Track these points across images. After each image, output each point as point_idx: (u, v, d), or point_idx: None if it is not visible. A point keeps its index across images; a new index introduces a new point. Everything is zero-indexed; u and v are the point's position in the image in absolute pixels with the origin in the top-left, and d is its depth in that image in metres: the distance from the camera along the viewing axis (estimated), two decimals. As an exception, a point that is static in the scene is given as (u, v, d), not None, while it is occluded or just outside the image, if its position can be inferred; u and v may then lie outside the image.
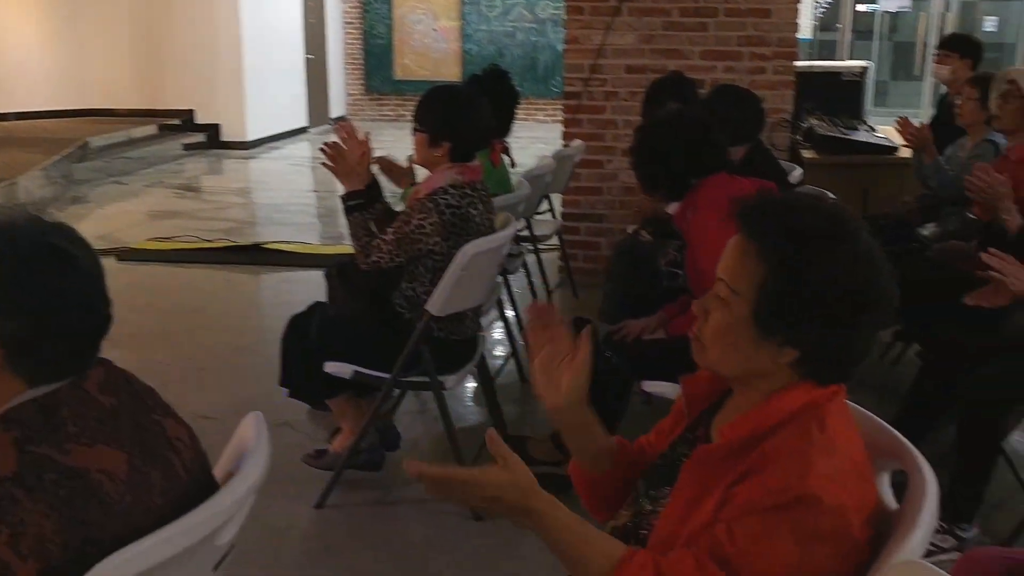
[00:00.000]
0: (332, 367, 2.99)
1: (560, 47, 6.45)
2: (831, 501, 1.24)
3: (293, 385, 3.29)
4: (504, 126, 4.19)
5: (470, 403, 4.02)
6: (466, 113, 3.03)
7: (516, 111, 4.31)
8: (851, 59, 10.05)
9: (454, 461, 3.06)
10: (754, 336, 1.33)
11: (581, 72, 5.53)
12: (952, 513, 2.79)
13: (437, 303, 2.86)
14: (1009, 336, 2.81)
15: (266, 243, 6.75)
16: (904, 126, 4.24)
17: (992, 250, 2.77)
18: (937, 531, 2.77)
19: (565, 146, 5.42)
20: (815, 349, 1.32)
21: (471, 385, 4.08)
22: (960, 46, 5.02)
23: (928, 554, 2.75)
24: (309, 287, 4.90)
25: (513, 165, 4.51)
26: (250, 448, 1.56)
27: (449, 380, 3.03)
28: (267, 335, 4.43)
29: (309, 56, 13.81)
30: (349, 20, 15.03)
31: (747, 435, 1.34)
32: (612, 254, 4.27)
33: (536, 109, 14.21)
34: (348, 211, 2.99)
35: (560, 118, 5.82)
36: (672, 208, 2.97)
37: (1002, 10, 12.04)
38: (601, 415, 1.58)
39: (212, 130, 11.92)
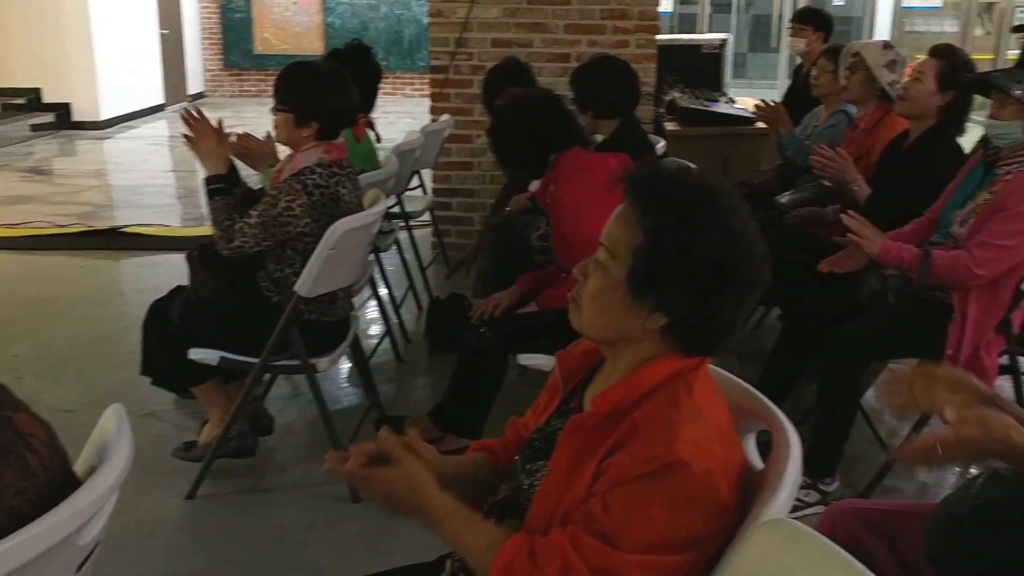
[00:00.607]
0: (197, 353, 2.89)
1: (425, 20, 6.37)
2: (699, 466, 1.27)
3: (156, 374, 3.18)
4: (368, 101, 4.13)
5: (345, 384, 3.97)
6: (333, 91, 2.96)
7: (379, 86, 4.25)
8: (710, 32, 10.30)
9: (330, 444, 3.01)
10: (627, 300, 1.35)
11: (447, 46, 5.49)
12: (815, 468, 2.92)
13: (306, 284, 2.79)
14: (864, 298, 2.94)
15: (124, 227, 6.49)
16: (760, 108, 4.39)
17: (851, 212, 2.90)
18: (801, 487, 2.90)
19: (433, 121, 5.38)
20: (682, 316, 1.35)
21: (346, 366, 4.02)
22: (813, 19, 5.21)
23: (794, 509, 2.87)
24: (171, 271, 4.74)
25: (379, 140, 4.46)
26: (112, 441, 1.49)
27: (322, 362, 2.97)
28: (128, 323, 4.27)
29: (163, 31, 13.27)
30: (205, -7, 14.52)
31: (617, 403, 1.36)
32: (483, 231, 4.27)
33: (403, 83, 14.07)
34: (210, 195, 2.90)
35: (427, 92, 5.77)
36: (534, 185, 3.02)
37: (849, -15, 12.57)
38: (477, 390, 1.59)
39: (62, 110, 11.33)
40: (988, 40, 11.27)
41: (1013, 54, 8.11)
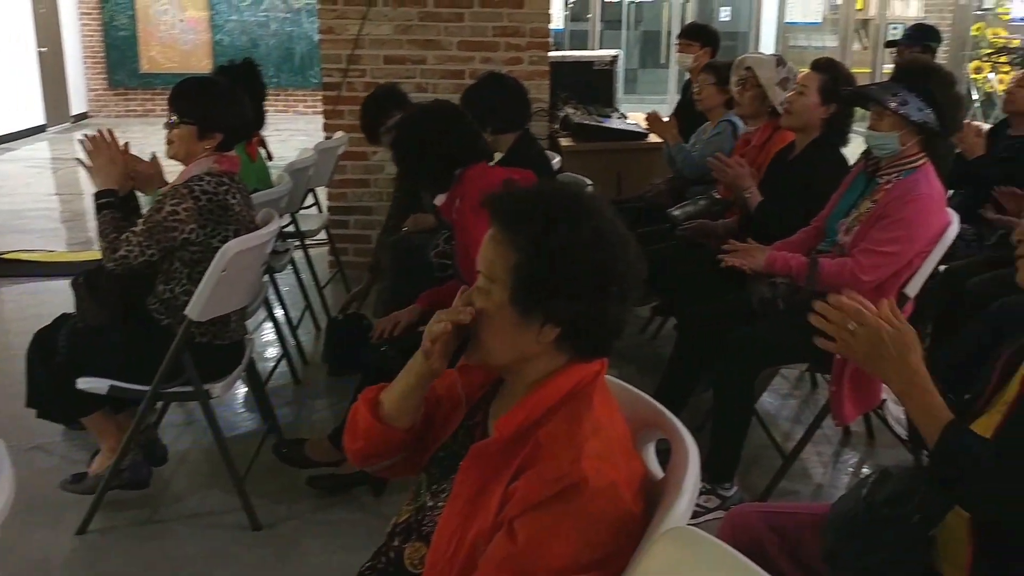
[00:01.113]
0: (85, 383, 2.78)
1: (317, 37, 6.30)
2: (603, 481, 1.28)
3: (42, 405, 3.05)
4: (259, 119, 4.06)
5: (241, 409, 3.87)
6: (232, 102, 2.93)
7: (266, 103, 4.19)
8: (602, 48, 10.47)
9: (226, 472, 2.93)
10: (516, 319, 1.36)
11: (339, 63, 5.44)
12: (714, 474, 2.97)
13: (197, 307, 2.71)
14: (755, 305, 3.02)
15: (5, 253, 6.20)
16: (651, 120, 4.48)
17: (732, 241, 2.98)
18: (701, 492, 2.95)
19: (327, 138, 5.32)
20: (573, 323, 1.36)
21: (242, 391, 3.93)
22: (700, 35, 5.34)
23: (694, 515, 2.91)
24: (57, 298, 4.54)
25: (270, 158, 4.38)
26: (-9, 479, 1.41)
27: (216, 388, 2.89)
28: (11, 353, 4.08)
29: (41, 49, 12.78)
30: (86, 11, 14.04)
31: (520, 426, 1.36)
32: (375, 255, 4.23)
33: (296, 100, 13.88)
34: (99, 209, 2.81)
35: (320, 109, 5.70)
36: (439, 200, 3.00)
37: (734, 1, 12.93)
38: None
39: (-67, 131, 10.81)
40: (865, 54, 11.77)
41: (889, 67, 8.47)
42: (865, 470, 3.33)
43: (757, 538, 1.88)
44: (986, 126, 4.59)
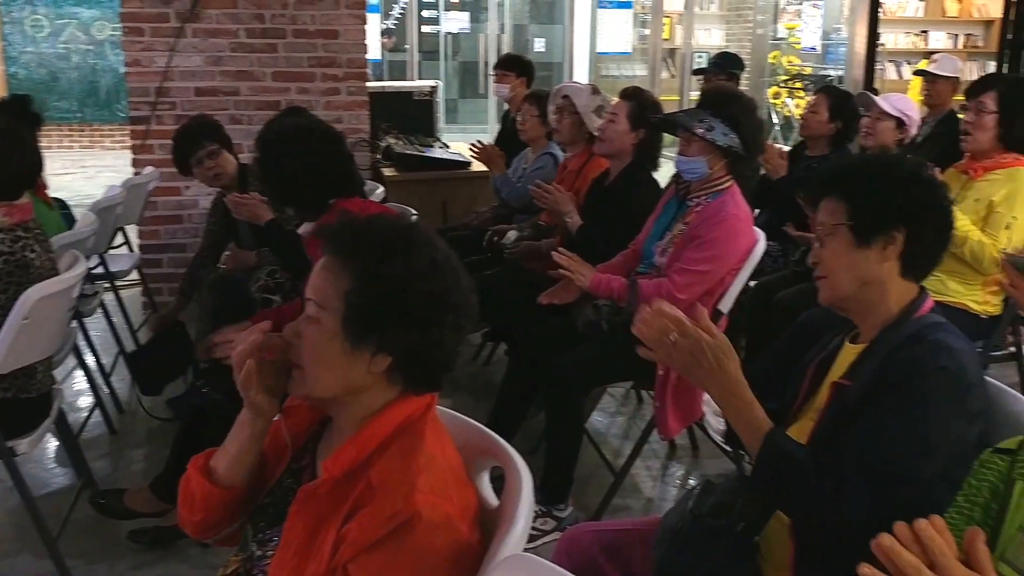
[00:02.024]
0: None
1: (123, 70, 6.03)
2: (438, 515, 1.26)
3: None
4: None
5: (52, 465, 3.61)
6: (13, 144, 2.71)
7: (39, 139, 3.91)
8: (420, 79, 10.52)
9: (37, 534, 2.72)
10: (347, 347, 1.33)
11: (147, 96, 5.21)
12: (549, 496, 3.00)
13: (-2, 359, 2.52)
14: (581, 328, 3.08)
15: None
16: (476, 149, 4.53)
17: (561, 249, 3.04)
18: (537, 515, 2.97)
19: (136, 174, 5.08)
20: (406, 353, 1.35)
21: (52, 444, 3.67)
22: (515, 66, 5.45)
23: (532, 539, 2.94)
24: None
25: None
26: None
27: (22, 444, 2.68)
28: None
29: None
30: None
31: (350, 465, 1.33)
32: (192, 281, 4.04)
33: (102, 136, 13.20)
34: None
35: (129, 144, 5.44)
36: (304, 229, 2.90)
37: (548, 32, 13.29)
38: (204, 447, 1.49)
39: None
40: (673, 82, 12.33)
41: (696, 94, 8.91)
42: (691, 481, 3.45)
43: (592, 557, 1.90)
44: (786, 148, 4.88)
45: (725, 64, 5.68)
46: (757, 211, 4.01)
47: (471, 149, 4.63)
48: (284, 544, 1.36)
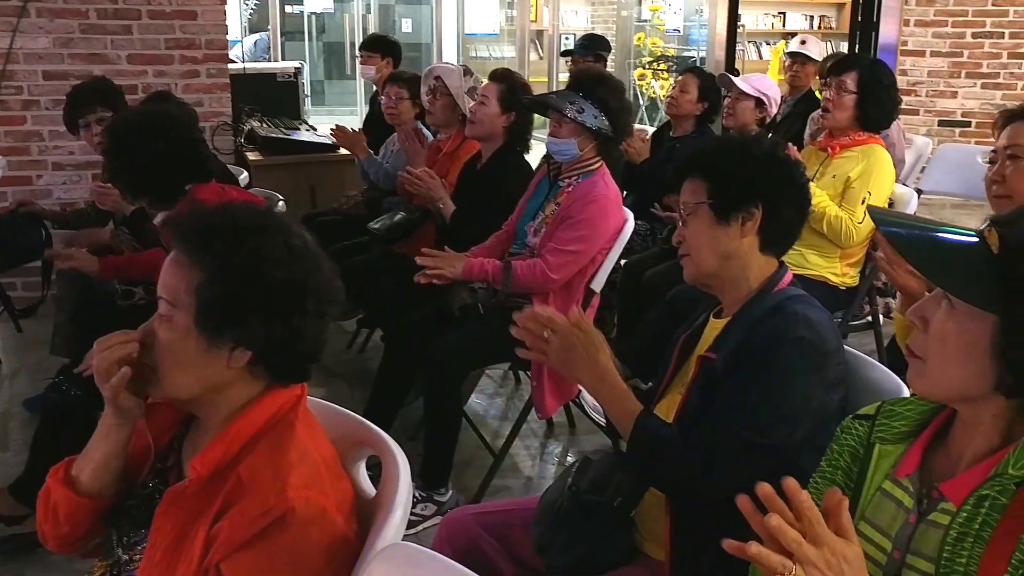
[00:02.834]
0: None
1: (-38, 53, 5.65)
2: (313, 509, 1.24)
3: None
4: None
5: None
6: None
7: None
8: (284, 60, 10.27)
9: None
10: (203, 344, 1.28)
11: (-10, 80, 4.92)
12: (429, 481, 2.99)
13: None
14: (457, 311, 3.07)
15: None
16: (337, 133, 4.44)
17: (425, 250, 3.02)
18: (418, 501, 2.95)
19: (-18, 163, 4.79)
20: (266, 346, 1.30)
21: None
22: (381, 47, 5.36)
23: (413, 525, 2.93)
24: None
25: None
26: None
27: None
28: None
29: None
30: None
31: (218, 463, 1.28)
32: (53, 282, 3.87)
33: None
34: None
35: (-28, 132, 5.12)
36: (160, 218, 2.77)
37: (415, 13, 13.15)
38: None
39: None
40: (542, 64, 12.40)
41: (565, 76, 8.99)
42: (570, 458, 3.50)
43: (473, 540, 1.91)
44: (651, 129, 4.98)
45: (592, 46, 5.74)
46: (625, 192, 4.08)
47: (332, 133, 4.54)
48: (152, 547, 1.31)
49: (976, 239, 1.17)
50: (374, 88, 5.65)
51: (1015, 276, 1.10)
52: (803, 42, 5.41)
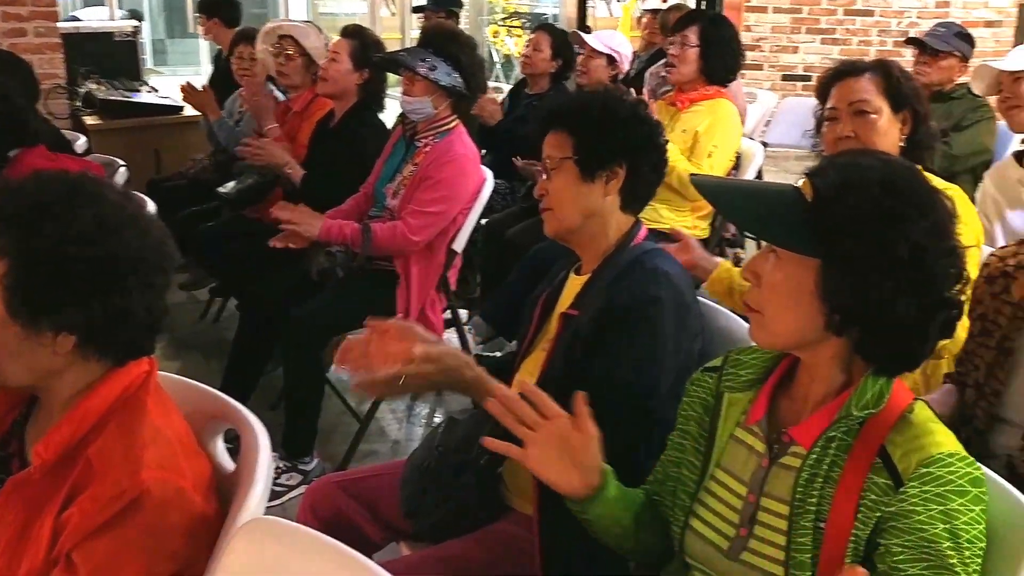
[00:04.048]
0: None
1: None
2: (169, 489, 1.20)
3: None
4: None
5: None
6: None
7: None
8: (121, 19, 9.74)
9: None
10: (21, 335, 1.20)
11: None
12: (293, 450, 2.94)
13: None
14: (315, 276, 3.00)
15: None
16: (186, 92, 4.25)
17: (281, 203, 2.94)
18: (283, 471, 2.90)
19: None
20: (91, 327, 1.22)
21: None
22: (218, 10, 5.14)
23: (278, 496, 2.88)
24: None
25: None
26: None
27: None
28: None
29: None
30: None
31: (64, 447, 1.21)
32: None
33: None
34: None
35: None
36: None
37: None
38: None
39: None
40: (394, 20, 12.19)
41: (417, 34, 8.85)
42: (437, 419, 3.50)
43: (339, 508, 1.89)
44: (507, 87, 4.97)
45: (444, 1, 5.65)
46: (484, 151, 4.07)
47: (181, 90, 4.33)
48: (-8, 540, 1.23)
49: (791, 191, 1.24)
50: (219, 47, 5.44)
51: (829, 220, 1.16)
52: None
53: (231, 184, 3.69)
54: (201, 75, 10.68)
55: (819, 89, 2.24)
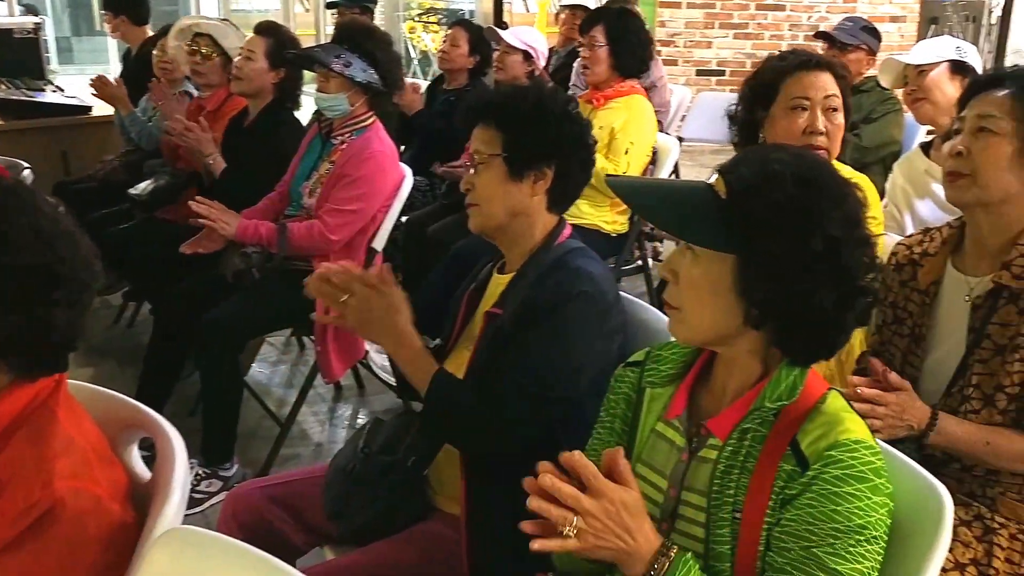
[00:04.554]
0: None
1: None
2: (84, 500, 1.16)
3: None
4: None
5: None
6: None
7: None
8: (20, 15, 9.41)
9: None
10: None
11: None
12: (212, 456, 2.87)
13: None
14: (230, 278, 2.94)
15: None
16: (97, 86, 4.12)
17: (199, 198, 2.87)
18: (202, 478, 2.84)
19: None
20: (12, 337, 1.18)
21: None
22: (124, 7, 4.99)
23: (198, 504, 2.82)
24: None
25: None
26: None
27: None
28: None
29: None
30: None
31: None
32: None
33: None
34: None
35: None
36: None
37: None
38: None
39: None
40: (309, 16, 12.02)
41: (332, 30, 8.74)
42: (360, 420, 3.46)
43: (261, 514, 1.85)
44: (425, 82, 4.95)
45: (357, -2, 5.56)
46: (403, 147, 4.04)
47: (91, 84, 4.19)
48: None
49: (705, 188, 1.25)
50: (127, 46, 5.28)
51: (744, 215, 1.18)
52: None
53: (143, 185, 3.60)
54: (110, 74, 10.38)
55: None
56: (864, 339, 1.93)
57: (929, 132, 3.20)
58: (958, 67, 2.91)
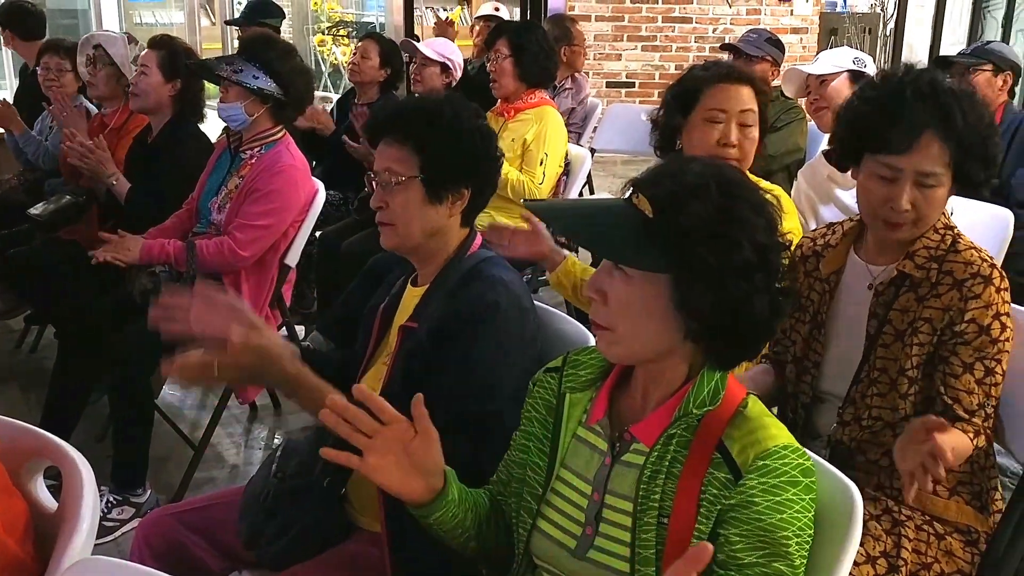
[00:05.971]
0: None
1: None
2: None
3: None
4: None
5: None
6: None
7: None
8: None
9: None
10: None
11: None
12: (123, 482, 2.78)
13: None
14: (138, 298, 2.86)
15: None
16: None
17: (101, 234, 2.79)
18: (114, 505, 2.75)
19: None
20: None
21: None
22: (15, 23, 4.83)
23: (110, 532, 2.73)
24: None
25: None
26: None
27: None
28: None
29: None
30: None
31: None
32: None
33: None
34: None
35: None
36: None
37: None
38: None
39: None
40: (215, 30, 11.81)
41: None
42: (277, 440, 3.40)
43: (175, 540, 1.80)
44: (335, 96, 4.90)
45: (260, 13, 5.37)
46: (315, 163, 3.99)
47: None
48: None
49: (627, 207, 1.23)
50: (23, 61, 5.11)
51: (675, 230, 1.17)
52: (496, 8, 5.77)
53: (42, 204, 3.47)
54: (6, 89, 10.04)
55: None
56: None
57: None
58: (857, 77, 3.03)
